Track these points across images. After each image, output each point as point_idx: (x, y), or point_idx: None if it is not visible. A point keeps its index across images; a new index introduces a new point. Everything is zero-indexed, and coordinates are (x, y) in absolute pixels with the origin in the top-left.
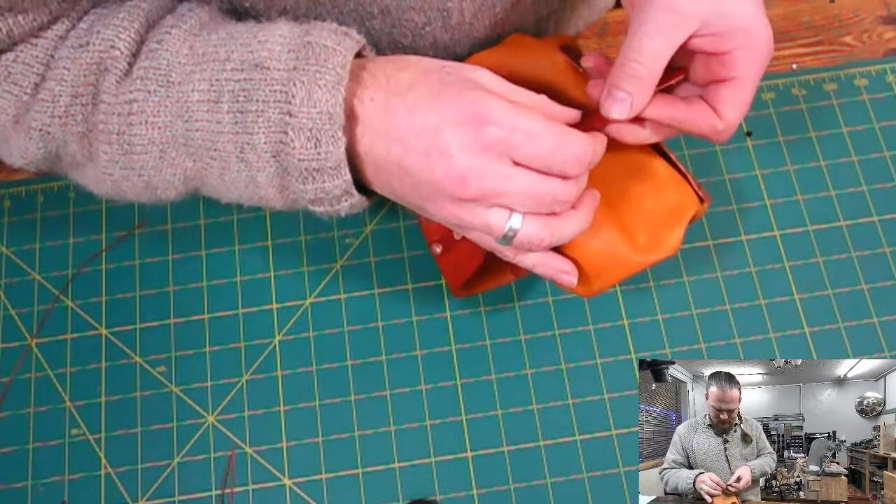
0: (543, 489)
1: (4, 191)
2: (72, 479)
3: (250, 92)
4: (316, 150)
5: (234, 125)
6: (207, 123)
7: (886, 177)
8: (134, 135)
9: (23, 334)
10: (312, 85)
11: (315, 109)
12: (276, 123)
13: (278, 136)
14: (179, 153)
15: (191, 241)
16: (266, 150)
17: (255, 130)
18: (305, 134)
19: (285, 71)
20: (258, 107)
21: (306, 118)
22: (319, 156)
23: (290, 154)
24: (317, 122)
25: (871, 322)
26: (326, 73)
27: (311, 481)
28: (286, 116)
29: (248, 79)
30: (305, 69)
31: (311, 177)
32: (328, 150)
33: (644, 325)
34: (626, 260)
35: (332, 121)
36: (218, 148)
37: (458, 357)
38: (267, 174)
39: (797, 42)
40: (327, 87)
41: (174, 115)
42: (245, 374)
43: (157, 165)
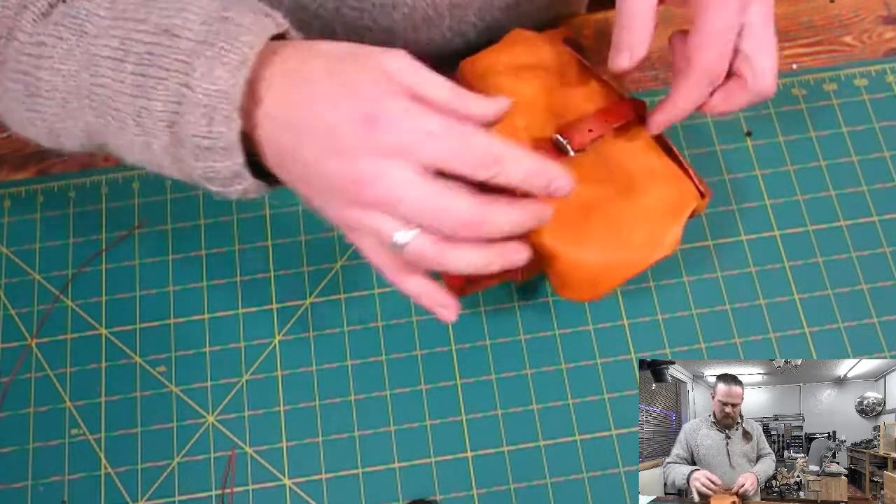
0: (543, 489)
1: (4, 191)
2: (72, 479)
3: (155, 56)
4: (208, 127)
5: (135, 87)
6: (111, 81)
7: (886, 177)
8: (39, 78)
9: (23, 334)
10: (215, 61)
11: (213, 86)
12: (174, 94)
13: (174, 106)
14: (82, 105)
15: (191, 241)
16: (161, 119)
17: (153, 96)
18: (200, 110)
19: (194, 42)
20: (160, 73)
21: (203, 94)
22: (211, 134)
23: (183, 127)
24: (212, 100)
25: (871, 322)
26: (232, 52)
27: (311, 481)
28: (184, 88)
29: (157, 43)
30: (213, 43)
31: (202, 154)
32: (220, 130)
33: (644, 325)
34: (621, 265)
35: (228, 101)
36: (118, 108)
37: (458, 357)
38: (161, 142)
39: (797, 42)
40: (230, 65)
41: (81, 66)
42: (245, 374)
43: (59, 113)
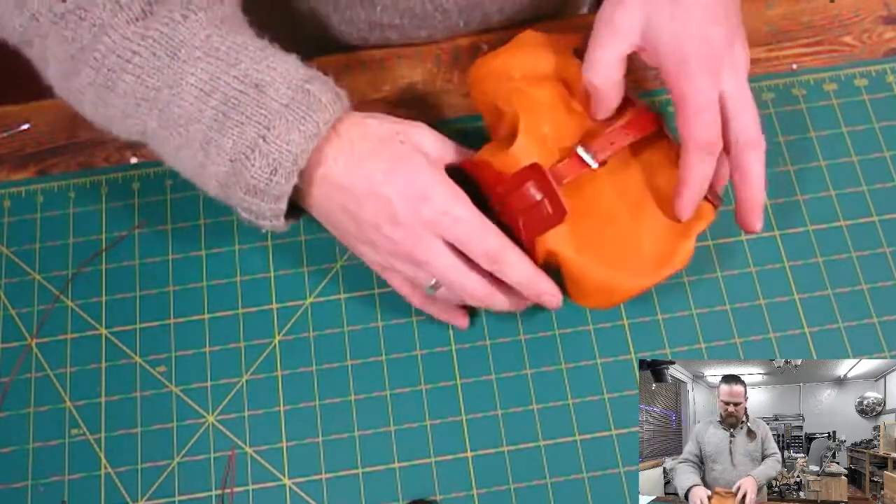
0: (543, 489)
1: (4, 191)
2: (72, 479)
3: (240, 104)
4: (270, 176)
5: (213, 121)
6: (190, 107)
7: (886, 177)
8: (122, 79)
9: (23, 334)
10: (294, 127)
11: (286, 147)
12: (248, 139)
13: (245, 149)
14: (152, 114)
15: (191, 241)
16: (227, 154)
17: (227, 134)
18: (268, 160)
19: (278, 103)
20: (240, 118)
21: (275, 149)
22: (270, 183)
23: (246, 168)
24: (282, 156)
25: (871, 322)
26: (309, 123)
27: (311, 481)
28: (260, 139)
29: (244, 92)
30: (295, 110)
31: (252, 192)
32: (279, 181)
33: (644, 325)
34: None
35: (294, 162)
36: (188, 130)
37: (458, 357)
38: (216, 169)
39: (797, 42)
40: (304, 134)
41: (164, 84)
42: (245, 374)
43: (126, 111)
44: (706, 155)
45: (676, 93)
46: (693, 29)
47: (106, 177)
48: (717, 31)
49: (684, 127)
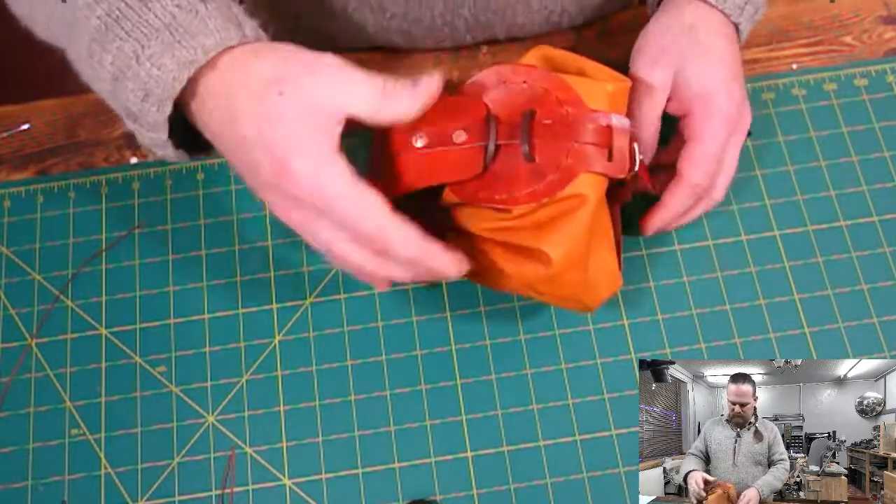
0: (543, 489)
1: (4, 191)
2: (72, 479)
3: (122, 17)
4: (141, 103)
5: (96, 32)
6: (79, 14)
7: (886, 177)
8: None
9: (23, 334)
10: (167, 50)
11: (157, 71)
12: (124, 58)
13: (122, 67)
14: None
15: (191, 241)
16: (108, 71)
17: (106, 49)
18: (138, 83)
19: (160, 21)
20: (120, 33)
21: (145, 72)
22: (142, 110)
23: (122, 90)
24: (152, 81)
25: (871, 322)
26: (185, 49)
27: (311, 481)
28: (133, 59)
29: (129, 5)
30: (173, 32)
31: (132, 117)
32: (150, 109)
33: (644, 325)
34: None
35: (164, 90)
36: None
37: (458, 357)
38: (102, 87)
39: (797, 42)
40: (178, 60)
41: None
42: (245, 374)
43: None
44: (693, 195)
45: (694, 134)
46: (719, 84)
47: (106, 177)
48: (736, 87)
49: (687, 164)
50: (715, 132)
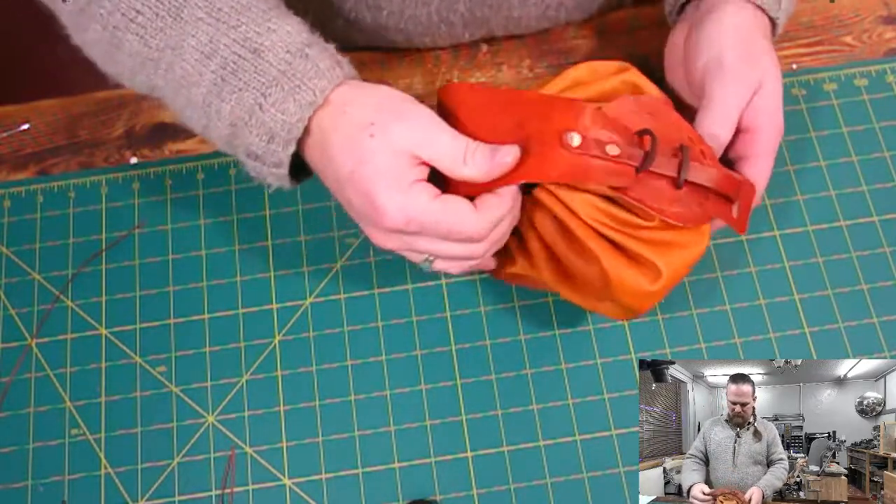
0: (543, 489)
1: (4, 191)
2: (72, 479)
3: (238, 69)
4: (267, 144)
5: (212, 85)
6: (191, 69)
7: (886, 177)
8: (127, 39)
9: (23, 334)
10: (289, 95)
11: (281, 115)
12: (246, 106)
13: (243, 114)
14: (157, 73)
15: (191, 241)
16: (226, 119)
17: (225, 99)
18: (263, 129)
19: (276, 69)
20: (239, 84)
21: (270, 118)
22: (267, 150)
23: (245, 135)
24: (276, 126)
25: (871, 322)
26: (305, 91)
27: (311, 481)
28: (256, 107)
29: (242, 57)
30: (291, 77)
31: (253, 157)
32: (276, 149)
33: (644, 325)
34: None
35: (289, 132)
36: (190, 91)
37: (458, 357)
38: (219, 132)
39: (797, 42)
40: (300, 103)
41: (167, 45)
42: (245, 374)
43: (133, 69)
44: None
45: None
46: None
47: (106, 177)
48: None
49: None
50: (775, 150)
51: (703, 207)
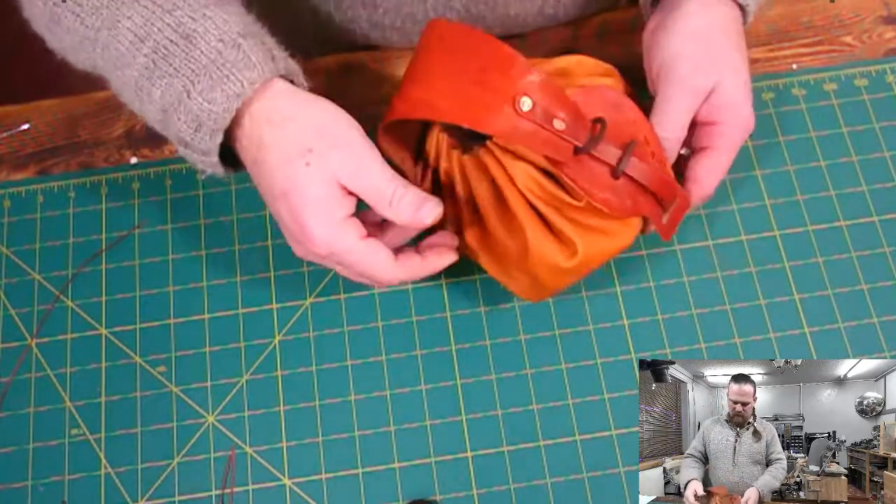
0: (543, 489)
1: (4, 191)
2: (72, 479)
3: (169, 54)
4: (193, 133)
5: (144, 69)
6: (125, 51)
7: (886, 177)
8: (64, 17)
9: (23, 334)
10: (217, 85)
11: (207, 104)
12: (175, 92)
13: (172, 100)
14: (95, 52)
15: (191, 241)
16: (157, 103)
17: (156, 84)
18: (191, 116)
19: (206, 57)
20: (169, 70)
21: (197, 106)
22: (195, 138)
23: (173, 121)
24: (203, 114)
25: (871, 322)
26: (233, 82)
27: (311, 481)
28: (184, 94)
29: (174, 42)
30: (220, 67)
31: (183, 144)
32: (203, 138)
33: (644, 325)
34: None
35: (215, 122)
36: (123, 73)
37: (458, 357)
38: (152, 116)
39: (797, 42)
40: (227, 93)
41: (103, 25)
42: (245, 374)
43: (73, 47)
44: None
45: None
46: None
47: (106, 177)
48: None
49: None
50: (738, 143)
51: (635, 203)
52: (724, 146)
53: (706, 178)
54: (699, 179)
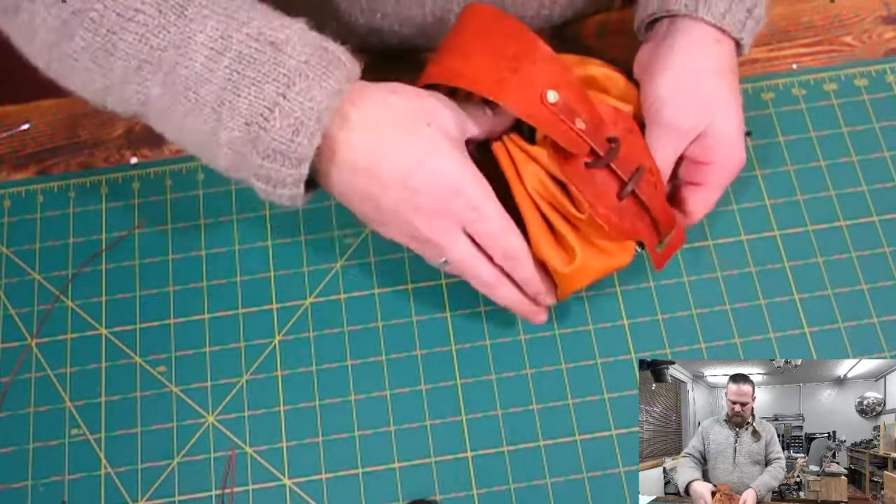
0: (543, 489)
1: (4, 191)
2: (72, 479)
3: (256, 62)
4: (292, 137)
5: (226, 81)
6: (201, 67)
7: (886, 177)
8: (122, 40)
9: (23, 334)
10: (315, 83)
11: (309, 104)
12: (267, 98)
13: (263, 109)
14: (155, 78)
15: (191, 241)
16: (243, 116)
17: (242, 94)
18: (289, 120)
19: (296, 60)
20: (257, 77)
21: (298, 107)
22: (292, 144)
23: (266, 130)
24: (305, 115)
25: (871, 322)
26: (331, 79)
27: (311, 481)
28: (280, 97)
29: (259, 50)
30: (315, 67)
31: (273, 156)
32: (302, 142)
33: (644, 325)
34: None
35: (318, 121)
36: (198, 92)
37: (458, 357)
38: (230, 135)
39: (797, 42)
40: (327, 91)
41: (171, 44)
42: (245, 374)
43: (125, 77)
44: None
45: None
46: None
47: (106, 177)
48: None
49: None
50: (728, 181)
51: (634, 226)
52: (714, 183)
53: (695, 211)
54: (690, 212)
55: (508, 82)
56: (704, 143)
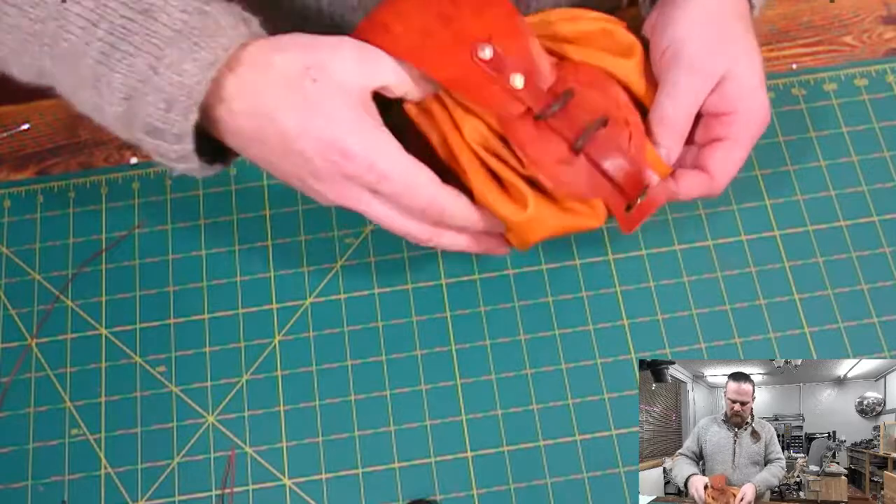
0: (543, 489)
1: (4, 191)
2: (72, 479)
3: (128, 32)
4: (165, 114)
5: (100, 54)
6: (77, 40)
7: (886, 177)
8: (5, 12)
9: (23, 334)
10: (187, 55)
11: (178, 78)
12: (139, 73)
13: (136, 83)
14: (42, 51)
15: (191, 241)
16: (120, 91)
17: (116, 69)
18: (161, 95)
19: (170, 29)
20: (129, 49)
21: (167, 82)
22: (167, 120)
23: (141, 106)
24: (175, 90)
25: (871, 322)
26: (205, 50)
27: (311, 481)
28: (150, 71)
29: (131, 19)
30: (188, 36)
31: (154, 132)
32: (176, 118)
33: (644, 325)
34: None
35: (189, 96)
36: (77, 66)
37: (458, 357)
38: (114, 111)
39: (797, 42)
40: (200, 62)
41: (49, 15)
42: (245, 374)
43: (16, 49)
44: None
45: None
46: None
47: (106, 177)
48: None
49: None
50: (755, 134)
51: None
52: (740, 136)
53: (719, 170)
54: (712, 172)
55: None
56: (725, 91)
